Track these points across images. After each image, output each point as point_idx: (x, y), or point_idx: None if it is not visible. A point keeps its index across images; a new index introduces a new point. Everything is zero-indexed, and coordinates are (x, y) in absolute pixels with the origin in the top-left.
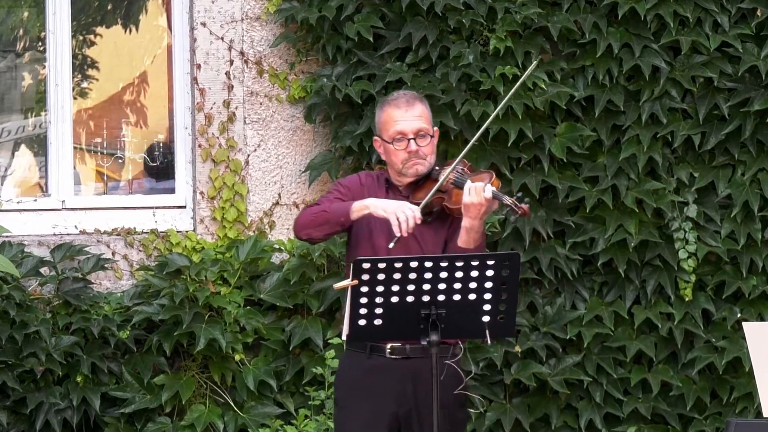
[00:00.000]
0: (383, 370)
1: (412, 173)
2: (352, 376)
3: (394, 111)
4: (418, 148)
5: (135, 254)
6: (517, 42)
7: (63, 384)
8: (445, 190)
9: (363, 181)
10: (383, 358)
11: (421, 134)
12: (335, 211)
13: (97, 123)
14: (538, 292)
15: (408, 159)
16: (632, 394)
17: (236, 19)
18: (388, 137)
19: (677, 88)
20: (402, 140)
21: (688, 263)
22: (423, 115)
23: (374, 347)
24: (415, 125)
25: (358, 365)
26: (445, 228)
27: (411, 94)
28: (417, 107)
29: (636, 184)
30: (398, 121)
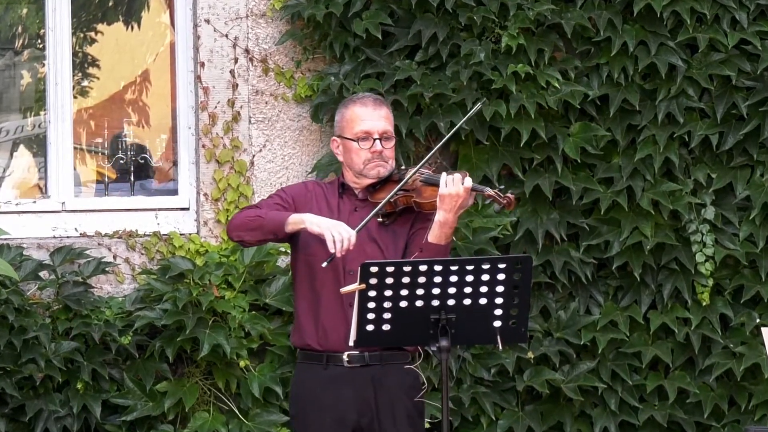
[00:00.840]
0: (342, 380)
1: (373, 174)
2: (309, 389)
3: (360, 109)
4: (382, 149)
5: (137, 257)
6: (529, 39)
7: (63, 391)
8: (412, 188)
9: (310, 188)
10: (341, 367)
11: (386, 136)
12: (271, 219)
13: (97, 122)
14: (551, 296)
15: (371, 159)
16: (648, 401)
17: (241, 16)
18: (352, 135)
19: (694, 86)
20: (367, 139)
21: (706, 267)
22: (389, 117)
23: (330, 357)
24: (381, 126)
25: (314, 377)
26: (405, 230)
27: (378, 97)
28: (383, 109)
29: (652, 185)
30: (365, 119)
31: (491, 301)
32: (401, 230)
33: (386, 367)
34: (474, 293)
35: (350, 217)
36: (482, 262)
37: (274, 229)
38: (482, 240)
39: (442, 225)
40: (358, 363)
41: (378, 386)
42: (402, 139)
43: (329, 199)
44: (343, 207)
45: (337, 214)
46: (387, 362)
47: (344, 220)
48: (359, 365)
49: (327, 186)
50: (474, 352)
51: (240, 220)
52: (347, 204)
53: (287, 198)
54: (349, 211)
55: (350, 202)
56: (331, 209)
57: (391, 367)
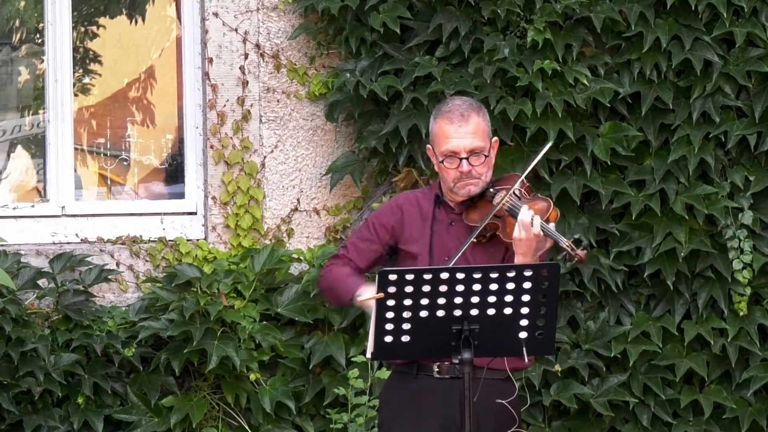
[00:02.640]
0: (430, 392)
1: (463, 194)
2: (398, 399)
3: (446, 126)
4: (470, 168)
5: (141, 265)
6: (557, 34)
7: (63, 406)
8: (500, 215)
9: (400, 203)
10: (430, 378)
11: (476, 153)
12: (343, 291)
13: (99, 122)
14: (580, 305)
15: (459, 179)
16: (682, 416)
17: (251, 9)
18: (439, 153)
19: (731, 84)
20: (453, 159)
21: (743, 275)
22: (478, 130)
23: (421, 366)
24: (467, 143)
25: (403, 387)
26: (501, 249)
27: (467, 105)
28: (472, 121)
29: (686, 188)
30: (450, 138)
31: (517, 311)
32: (497, 250)
33: (475, 381)
34: (498, 303)
35: (447, 231)
36: (507, 269)
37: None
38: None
39: None
40: (447, 375)
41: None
42: (422, 139)
43: (424, 209)
44: (440, 217)
45: (431, 224)
46: (476, 377)
47: (440, 234)
48: (448, 377)
49: (424, 193)
50: None
51: (324, 284)
52: (443, 215)
53: (377, 229)
54: (446, 224)
55: (446, 214)
56: (426, 220)
57: (484, 383)
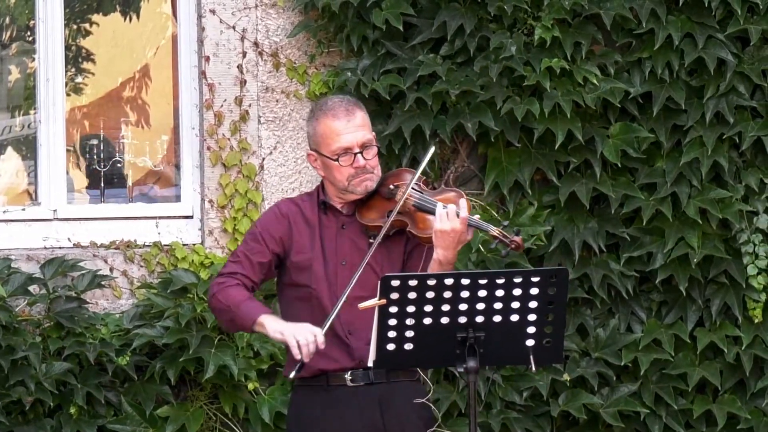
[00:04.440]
0: (345, 401)
1: (361, 190)
2: (311, 414)
3: (333, 122)
4: (365, 162)
5: (135, 270)
6: (565, 32)
7: (55, 416)
8: (404, 211)
9: (284, 211)
10: (344, 387)
11: (367, 146)
12: (240, 317)
13: (92, 122)
14: (589, 312)
15: (355, 175)
16: (695, 427)
17: (249, 6)
18: (330, 153)
19: (745, 83)
20: (347, 155)
21: (758, 280)
22: (365, 123)
23: (332, 376)
24: (359, 137)
25: (315, 401)
26: (401, 246)
27: (347, 100)
28: (358, 115)
29: (699, 191)
30: (341, 134)
31: (523, 317)
32: (396, 249)
33: (393, 385)
34: (505, 309)
35: (338, 236)
36: (514, 275)
37: (243, 328)
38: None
39: (442, 263)
40: (361, 382)
41: (385, 408)
42: (426, 140)
43: (308, 217)
44: (328, 224)
45: (320, 232)
46: (393, 380)
47: (331, 240)
48: (363, 384)
49: (303, 200)
50: (505, 373)
51: (216, 305)
52: (332, 221)
53: (265, 239)
54: (336, 230)
55: (335, 219)
56: (313, 229)
57: (399, 385)
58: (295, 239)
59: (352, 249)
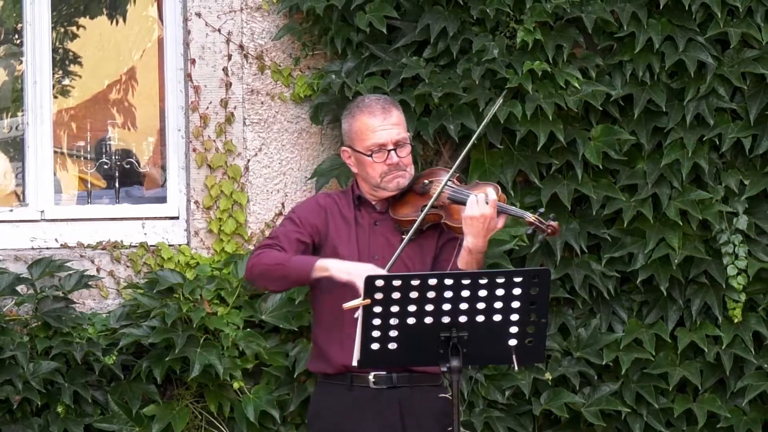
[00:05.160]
0: (367, 403)
1: (393, 187)
2: (331, 412)
3: (369, 119)
4: (399, 160)
5: (122, 270)
6: (547, 35)
7: (42, 415)
8: (440, 205)
9: (322, 203)
10: (366, 389)
11: (401, 144)
12: (294, 268)
13: (79, 124)
14: (571, 312)
15: (388, 172)
16: (675, 426)
17: (235, 9)
18: (364, 149)
19: (726, 85)
20: (381, 152)
21: (738, 281)
22: (400, 122)
23: (355, 377)
24: (394, 134)
25: (337, 399)
26: (433, 243)
27: (384, 99)
28: (394, 114)
29: (679, 193)
30: (376, 131)
31: (506, 317)
32: (428, 244)
33: (414, 389)
34: (488, 309)
35: (371, 232)
36: (496, 275)
37: (298, 279)
38: (496, 253)
39: (471, 251)
40: (384, 384)
41: (406, 411)
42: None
43: (344, 213)
44: (362, 220)
45: (355, 228)
46: (416, 384)
47: (365, 235)
48: (386, 387)
49: (339, 197)
50: (487, 372)
51: (263, 268)
52: (366, 217)
53: (303, 224)
54: (369, 226)
55: (369, 215)
56: (349, 224)
57: (420, 390)
58: (331, 230)
59: (384, 245)
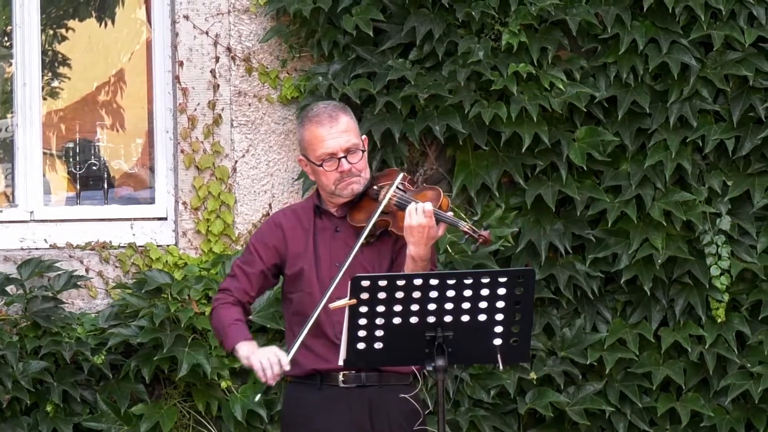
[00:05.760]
0: (337, 402)
1: (347, 193)
2: (303, 412)
3: (317, 129)
4: (350, 167)
5: (111, 271)
6: (532, 37)
7: (31, 414)
8: (389, 211)
9: (278, 222)
10: (336, 388)
11: (352, 150)
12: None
13: (68, 126)
14: (556, 312)
15: (341, 179)
16: (659, 425)
17: (222, 12)
18: (315, 159)
19: (709, 87)
20: (332, 160)
21: (721, 281)
22: (350, 128)
23: (324, 377)
24: (343, 142)
25: (307, 400)
26: (389, 245)
27: (332, 106)
28: (342, 120)
29: (663, 194)
30: (324, 140)
31: (491, 317)
32: (385, 248)
33: (384, 389)
34: (473, 309)
35: (332, 240)
36: (481, 275)
37: (227, 350)
38: (481, 253)
39: (415, 259)
40: (353, 384)
41: (374, 410)
42: (395, 143)
43: (304, 225)
44: (322, 227)
45: (313, 238)
46: (385, 384)
47: (325, 244)
48: (355, 386)
49: (302, 209)
50: (472, 372)
51: (213, 324)
52: (327, 224)
53: (259, 253)
54: (331, 232)
55: (329, 222)
56: (307, 232)
57: (389, 389)
58: (290, 246)
59: (345, 251)
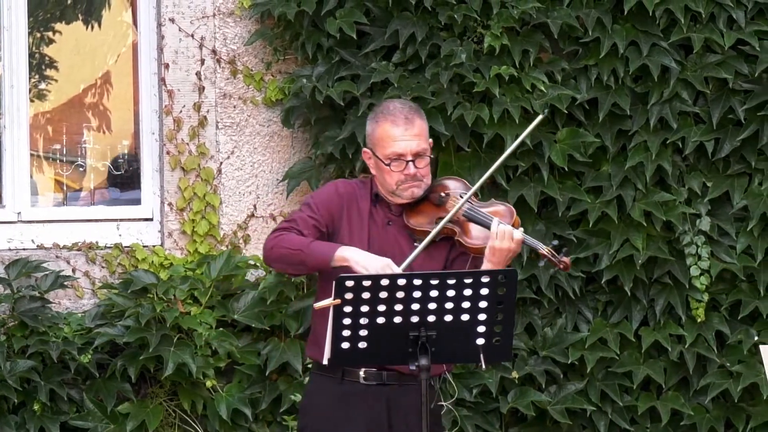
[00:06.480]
0: (356, 397)
1: (407, 196)
2: (322, 404)
3: (392, 129)
4: (416, 171)
5: (97, 271)
6: (514, 40)
7: (19, 413)
8: (456, 220)
9: (341, 191)
10: (356, 384)
11: (420, 155)
12: (314, 256)
13: (56, 128)
14: (537, 312)
15: (404, 181)
16: (640, 423)
17: (208, 15)
18: (383, 156)
19: (689, 89)
20: (399, 161)
21: (701, 281)
22: (422, 133)
23: (347, 372)
24: (414, 146)
25: (328, 391)
26: (443, 254)
27: (409, 108)
28: (416, 124)
29: (643, 195)
30: (397, 140)
31: (474, 317)
32: (439, 255)
33: (403, 388)
34: (456, 309)
35: (383, 231)
36: (464, 276)
37: (317, 266)
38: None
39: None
40: (374, 381)
41: (393, 407)
42: None
43: (361, 205)
44: (377, 216)
45: (368, 222)
46: (405, 383)
47: (377, 232)
48: (375, 383)
49: (359, 186)
50: (455, 371)
51: (282, 251)
52: (380, 214)
53: (320, 210)
54: (383, 224)
55: (383, 213)
56: (362, 217)
57: (409, 389)
58: (345, 220)
59: (394, 246)
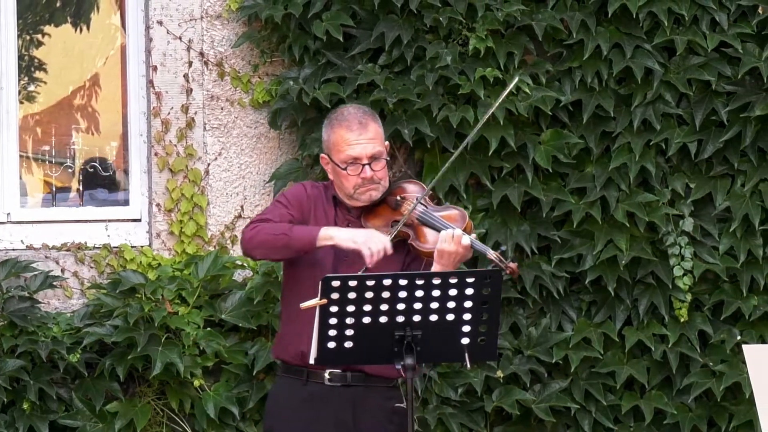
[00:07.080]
0: (321, 399)
1: (365, 199)
2: (286, 405)
3: (346, 133)
4: (372, 174)
5: (86, 271)
6: (498, 42)
7: (8, 411)
8: (410, 224)
9: (309, 192)
10: (321, 385)
11: (376, 158)
12: (298, 238)
13: (45, 129)
14: (522, 312)
15: (361, 185)
16: (623, 422)
17: (195, 17)
18: (339, 161)
19: (672, 91)
20: (355, 165)
21: (684, 281)
22: (377, 136)
23: (311, 373)
24: (369, 149)
25: (293, 393)
26: (400, 257)
27: (362, 112)
28: (371, 128)
29: (627, 195)
30: (351, 144)
31: (459, 317)
32: (396, 258)
33: (368, 389)
34: (441, 309)
35: None
36: (449, 276)
37: (302, 248)
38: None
39: None
40: (339, 382)
41: (358, 408)
42: None
43: (326, 207)
44: (338, 219)
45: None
46: (370, 384)
47: None
48: (340, 385)
49: (323, 189)
50: (441, 370)
51: (264, 237)
52: (341, 216)
53: (292, 205)
54: (343, 225)
55: (343, 215)
56: (328, 218)
57: (374, 390)
58: (312, 222)
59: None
